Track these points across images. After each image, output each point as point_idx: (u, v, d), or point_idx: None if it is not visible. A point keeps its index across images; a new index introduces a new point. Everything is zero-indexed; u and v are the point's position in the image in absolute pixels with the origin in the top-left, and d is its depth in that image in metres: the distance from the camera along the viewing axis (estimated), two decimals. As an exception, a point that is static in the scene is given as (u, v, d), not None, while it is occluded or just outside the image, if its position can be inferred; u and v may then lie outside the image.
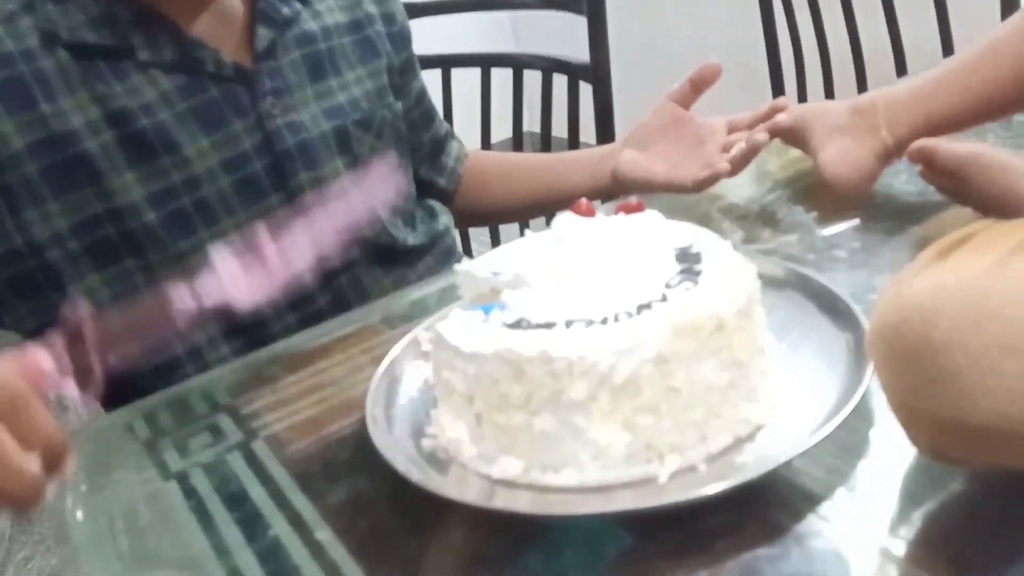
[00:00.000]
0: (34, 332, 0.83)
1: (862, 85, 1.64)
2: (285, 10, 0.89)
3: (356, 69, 0.95)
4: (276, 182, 0.87)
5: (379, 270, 0.96)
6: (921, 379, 0.40)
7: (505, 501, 0.53)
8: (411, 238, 1.00)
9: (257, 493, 0.60)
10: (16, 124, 0.77)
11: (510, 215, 1.21)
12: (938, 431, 0.41)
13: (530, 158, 1.17)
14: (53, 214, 0.79)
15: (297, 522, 0.56)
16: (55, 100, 0.78)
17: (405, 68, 1.04)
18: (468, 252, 1.41)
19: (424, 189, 1.08)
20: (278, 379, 0.75)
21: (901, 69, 1.57)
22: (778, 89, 1.78)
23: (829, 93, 1.69)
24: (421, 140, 1.08)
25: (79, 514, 0.63)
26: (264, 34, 0.87)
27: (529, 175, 1.09)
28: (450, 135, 1.13)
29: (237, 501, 0.60)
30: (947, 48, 1.51)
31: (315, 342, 0.80)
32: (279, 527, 0.56)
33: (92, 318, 0.52)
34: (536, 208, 1.12)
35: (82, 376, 0.51)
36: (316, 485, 0.60)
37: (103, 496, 0.64)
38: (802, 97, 1.73)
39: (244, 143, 0.85)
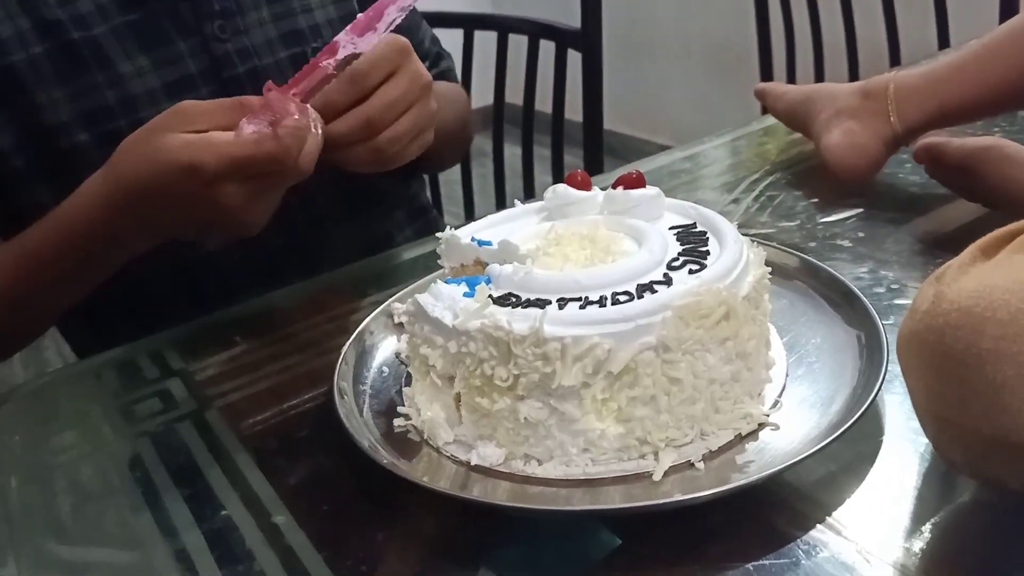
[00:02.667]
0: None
1: (854, 76, 1.61)
2: None
3: None
4: None
5: (341, 210, 0.90)
6: (963, 390, 0.36)
7: (482, 491, 0.48)
8: (381, 180, 0.93)
9: (209, 468, 0.55)
10: None
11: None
12: (977, 448, 0.38)
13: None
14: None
15: (252, 503, 0.51)
16: None
17: None
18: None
19: None
20: (235, 344, 0.69)
21: (895, 61, 1.54)
22: (767, 76, 1.75)
23: (820, 81, 1.65)
24: None
25: (13, 480, 0.57)
26: None
27: None
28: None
29: (187, 476, 0.54)
30: (944, 45, 1.48)
31: (277, 305, 0.75)
32: (232, 507, 0.51)
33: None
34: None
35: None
36: (275, 463, 0.55)
37: (40, 462, 0.59)
38: (791, 83, 1.69)
39: (189, 66, 0.78)
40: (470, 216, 1.42)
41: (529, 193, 1.38)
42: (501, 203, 1.39)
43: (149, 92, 0.77)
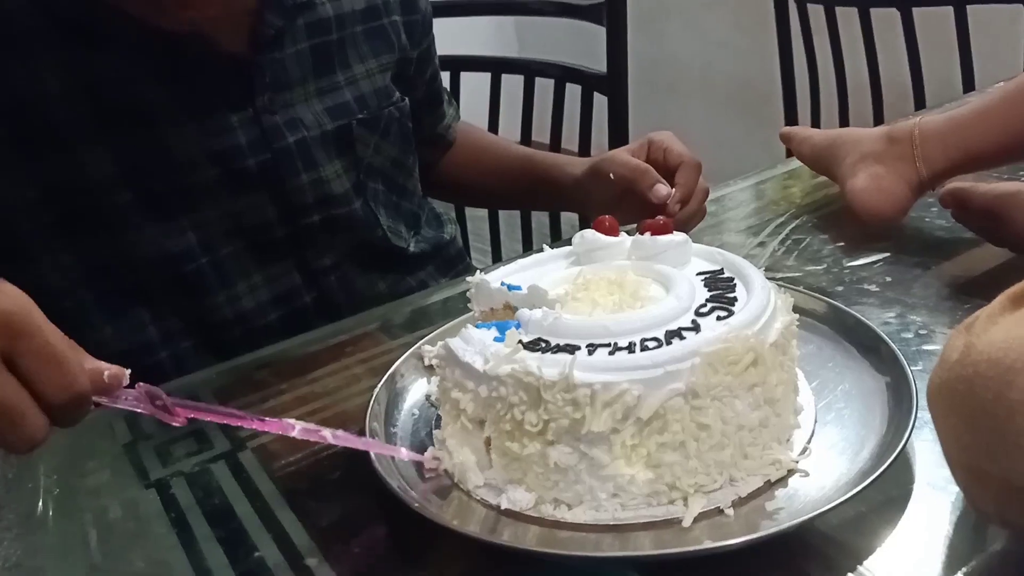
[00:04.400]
0: None
1: (878, 116, 1.61)
2: None
3: (367, 62, 0.89)
4: (271, 181, 0.81)
5: (373, 273, 0.91)
6: (992, 440, 0.37)
7: (512, 535, 0.49)
8: (412, 245, 0.95)
9: (243, 509, 0.56)
10: None
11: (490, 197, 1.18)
12: (1008, 498, 0.38)
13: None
14: (22, 181, 0.72)
15: (285, 544, 0.52)
16: (29, 63, 0.71)
17: (423, 58, 0.97)
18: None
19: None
20: (268, 385, 0.70)
21: (920, 102, 1.55)
22: (791, 116, 1.76)
23: (844, 123, 1.66)
24: (421, 122, 1.01)
25: (49, 519, 0.59)
26: (272, 21, 0.79)
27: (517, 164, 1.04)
28: (449, 103, 1.07)
29: (221, 517, 0.55)
30: (969, 86, 1.49)
31: (308, 348, 0.76)
32: (265, 548, 0.52)
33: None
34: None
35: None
36: (307, 504, 0.56)
37: (76, 501, 0.60)
38: (815, 125, 1.70)
39: (238, 136, 0.79)
40: (497, 253, 1.43)
41: (555, 231, 1.39)
42: (528, 240, 1.41)
43: (193, 158, 0.77)
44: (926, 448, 0.51)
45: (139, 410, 0.48)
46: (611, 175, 0.82)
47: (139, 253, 0.78)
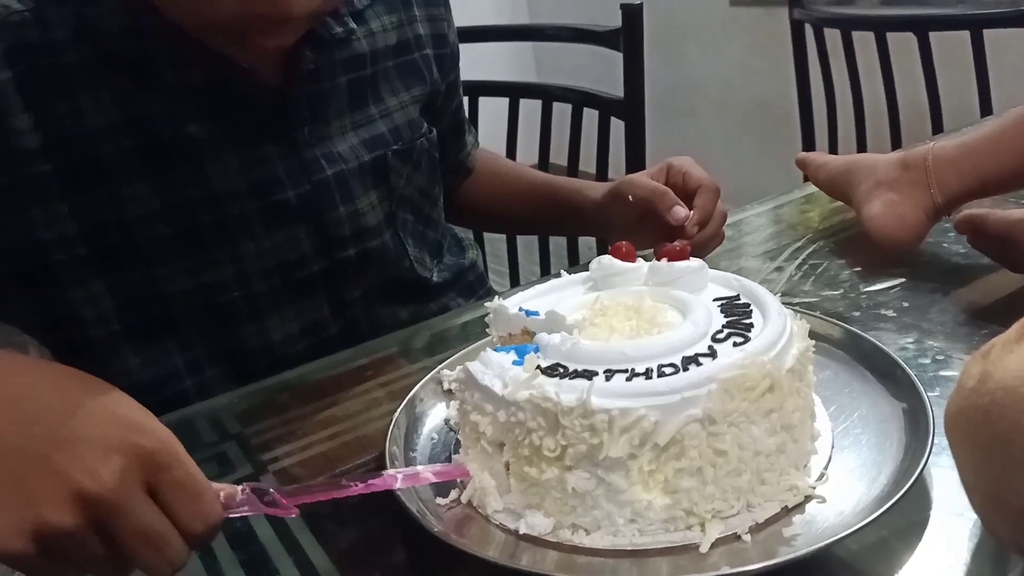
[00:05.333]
0: (36, 328, 0.79)
1: (895, 140, 1.61)
2: (338, 29, 0.82)
3: (399, 95, 0.90)
4: (309, 213, 0.82)
5: (397, 303, 0.93)
6: (1008, 468, 0.37)
7: (530, 560, 0.49)
8: (436, 274, 0.96)
9: (264, 532, 0.56)
10: (32, 120, 0.71)
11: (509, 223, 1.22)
12: (1024, 525, 0.38)
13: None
14: (61, 216, 0.73)
15: (306, 567, 0.53)
16: (74, 98, 0.72)
17: (450, 88, 0.99)
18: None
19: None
20: (290, 408, 0.71)
21: (937, 126, 1.55)
22: (808, 138, 1.76)
23: (862, 146, 1.66)
24: (446, 152, 1.02)
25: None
26: (310, 57, 0.79)
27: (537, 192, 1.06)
28: (469, 131, 1.09)
29: (243, 540, 0.56)
30: (985, 108, 1.49)
31: (329, 372, 0.77)
32: (286, 571, 0.53)
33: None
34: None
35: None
36: (327, 528, 0.56)
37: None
38: (832, 148, 1.71)
39: (278, 169, 0.80)
40: (515, 275, 1.44)
41: (573, 254, 1.40)
42: (545, 262, 1.42)
43: (234, 191, 0.78)
44: (944, 474, 0.51)
45: (251, 514, 0.49)
46: (630, 197, 0.83)
47: (173, 286, 0.78)
